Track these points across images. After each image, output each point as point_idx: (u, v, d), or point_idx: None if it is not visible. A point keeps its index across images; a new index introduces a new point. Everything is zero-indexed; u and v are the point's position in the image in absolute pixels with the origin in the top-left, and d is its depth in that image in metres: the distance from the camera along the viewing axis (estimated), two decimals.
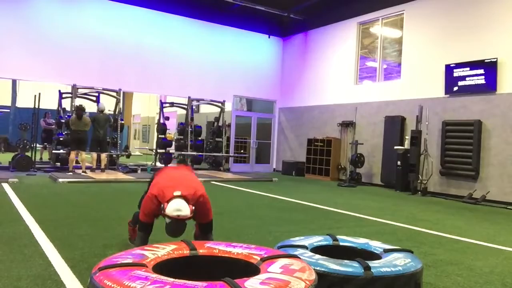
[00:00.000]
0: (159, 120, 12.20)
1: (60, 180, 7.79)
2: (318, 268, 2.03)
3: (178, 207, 2.63)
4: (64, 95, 11.05)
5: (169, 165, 10.76)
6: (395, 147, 9.36)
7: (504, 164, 7.84)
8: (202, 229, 3.05)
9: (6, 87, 15.27)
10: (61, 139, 9.87)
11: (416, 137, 8.94)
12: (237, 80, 13.00)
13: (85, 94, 10.57)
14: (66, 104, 10.96)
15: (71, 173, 8.75)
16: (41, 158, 11.86)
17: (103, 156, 9.60)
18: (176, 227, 2.67)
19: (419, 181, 8.82)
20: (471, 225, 5.41)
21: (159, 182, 2.93)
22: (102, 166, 9.53)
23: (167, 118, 12.05)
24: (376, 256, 2.49)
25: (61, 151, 9.80)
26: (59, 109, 10.91)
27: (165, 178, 2.98)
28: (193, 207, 2.72)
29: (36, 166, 9.76)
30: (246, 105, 14.62)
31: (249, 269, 1.97)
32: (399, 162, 9.22)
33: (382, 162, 10.05)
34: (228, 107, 12.64)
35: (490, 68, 8.09)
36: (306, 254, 2.30)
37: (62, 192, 6.61)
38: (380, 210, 6.27)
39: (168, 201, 2.68)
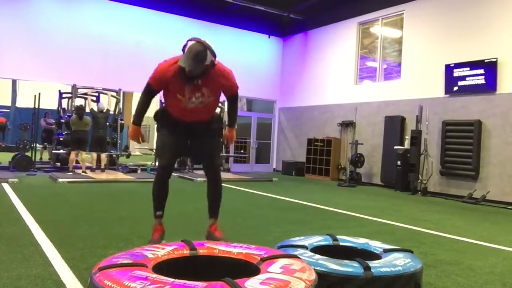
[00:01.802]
0: None
1: (60, 180, 7.78)
2: (318, 268, 2.03)
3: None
4: (64, 95, 11.06)
5: None
6: (395, 147, 9.36)
7: (504, 164, 7.84)
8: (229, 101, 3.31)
9: (6, 87, 15.28)
10: (61, 139, 9.87)
11: (416, 137, 8.94)
12: (237, 80, 12.92)
13: (85, 94, 10.57)
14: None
15: (71, 173, 8.75)
16: (41, 158, 11.86)
17: (103, 156, 9.60)
18: (196, 49, 2.71)
19: (419, 181, 8.82)
20: (471, 225, 5.41)
21: None
22: (102, 166, 9.54)
23: None
24: (376, 256, 2.49)
25: (61, 151, 9.80)
26: (59, 109, 10.91)
27: None
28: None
29: (36, 166, 9.76)
30: (246, 105, 14.62)
31: (249, 269, 1.97)
32: (399, 162, 9.22)
33: (382, 162, 10.05)
34: None
35: (490, 68, 8.09)
36: (306, 254, 2.30)
37: (62, 192, 6.61)
38: (380, 210, 6.27)
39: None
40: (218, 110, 12.41)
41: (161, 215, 3.13)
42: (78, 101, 10.12)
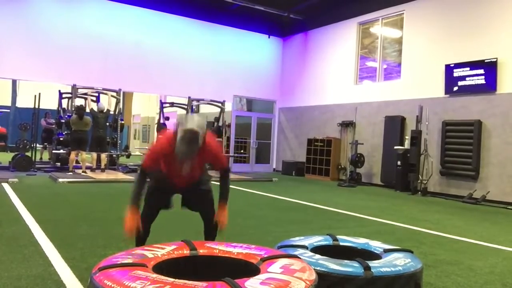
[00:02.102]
0: (159, 120, 12.21)
1: (60, 180, 7.78)
2: (318, 268, 2.03)
3: (192, 121, 2.64)
4: (64, 95, 11.05)
5: None
6: (395, 147, 9.36)
7: (504, 164, 7.84)
8: (221, 174, 3.12)
9: (6, 87, 15.28)
10: (61, 139, 9.86)
11: (416, 137, 8.94)
12: (237, 80, 12.99)
13: (85, 94, 10.57)
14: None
15: (71, 173, 8.75)
16: (41, 158, 11.86)
17: (103, 156, 9.60)
18: (189, 137, 2.62)
19: (419, 181, 8.82)
20: (471, 225, 5.41)
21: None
22: (102, 166, 9.53)
23: (167, 118, 12.05)
24: (376, 256, 2.49)
25: (61, 151, 9.80)
26: (59, 109, 10.91)
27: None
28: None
29: (36, 166, 9.76)
30: (246, 105, 14.62)
31: (249, 269, 1.97)
32: (399, 162, 9.21)
33: (382, 162, 10.05)
34: (228, 107, 12.65)
35: (490, 68, 8.08)
36: (306, 254, 2.30)
37: (62, 192, 6.61)
38: (380, 210, 6.27)
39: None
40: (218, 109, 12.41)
41: None
42: (78, 101, 10.12)
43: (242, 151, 13.57)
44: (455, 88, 8.68)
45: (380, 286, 2.04)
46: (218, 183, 3.12)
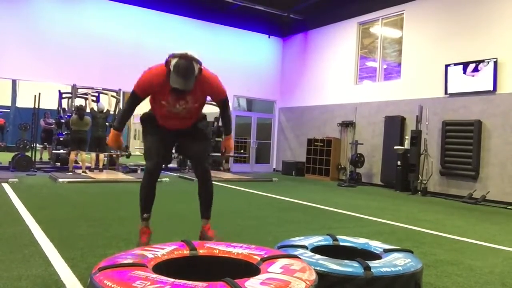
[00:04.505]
0: None
1: (60, 180, 7.78)
2: (318, 268, 2.03)
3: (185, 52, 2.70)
4: (64, 95, 11.05)
5: None
6: (395, 147, 9.35)
7: (504, 164, 7.84)
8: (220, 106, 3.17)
9: (6, 87, 15.28)
10: (61, 139, 9.87)
11: (416, 137, 8.94)
12: (237, 80, 12.98)
13: (85, 94, 10.57)
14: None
15: (71, 173, 8.75)
16: (41, 158, 11.86)
17: (101, 156, 9.60)
18: (184, 64, 2.66)
19: (419, 181, 8.82)
20: (471, 225, 5.41)
21: None
22: (100, 166, 9.53)
23: None
24: (376, 256, 2.49)
25: (61, 151, 9.80)
26: (59, 109, 10.91)
27: None
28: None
29: (36, 166, 9.76)
30: (246, 105, 14.63)
31: (249, 269, 1.97)
32: (399, 162, 9.22)
33: (382, 162, 10.05)
34: None
35: (490, 68, 8.08)
36: (306, 254, 2.30)
37: (62, 192, 6.60)
38: (380, 210, 6.27)
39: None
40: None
41: (148, 217, 3.14)
42: (78, 101, 10.12)
43: (242, 151, 13.57)
44: (455, 88, 8.68)
45: (380, 286, 2.04)
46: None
